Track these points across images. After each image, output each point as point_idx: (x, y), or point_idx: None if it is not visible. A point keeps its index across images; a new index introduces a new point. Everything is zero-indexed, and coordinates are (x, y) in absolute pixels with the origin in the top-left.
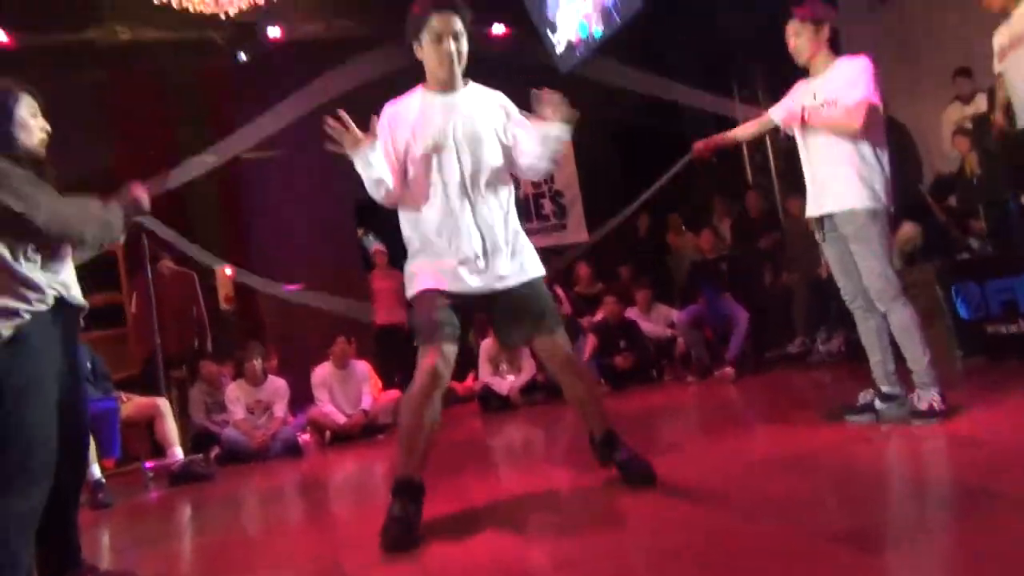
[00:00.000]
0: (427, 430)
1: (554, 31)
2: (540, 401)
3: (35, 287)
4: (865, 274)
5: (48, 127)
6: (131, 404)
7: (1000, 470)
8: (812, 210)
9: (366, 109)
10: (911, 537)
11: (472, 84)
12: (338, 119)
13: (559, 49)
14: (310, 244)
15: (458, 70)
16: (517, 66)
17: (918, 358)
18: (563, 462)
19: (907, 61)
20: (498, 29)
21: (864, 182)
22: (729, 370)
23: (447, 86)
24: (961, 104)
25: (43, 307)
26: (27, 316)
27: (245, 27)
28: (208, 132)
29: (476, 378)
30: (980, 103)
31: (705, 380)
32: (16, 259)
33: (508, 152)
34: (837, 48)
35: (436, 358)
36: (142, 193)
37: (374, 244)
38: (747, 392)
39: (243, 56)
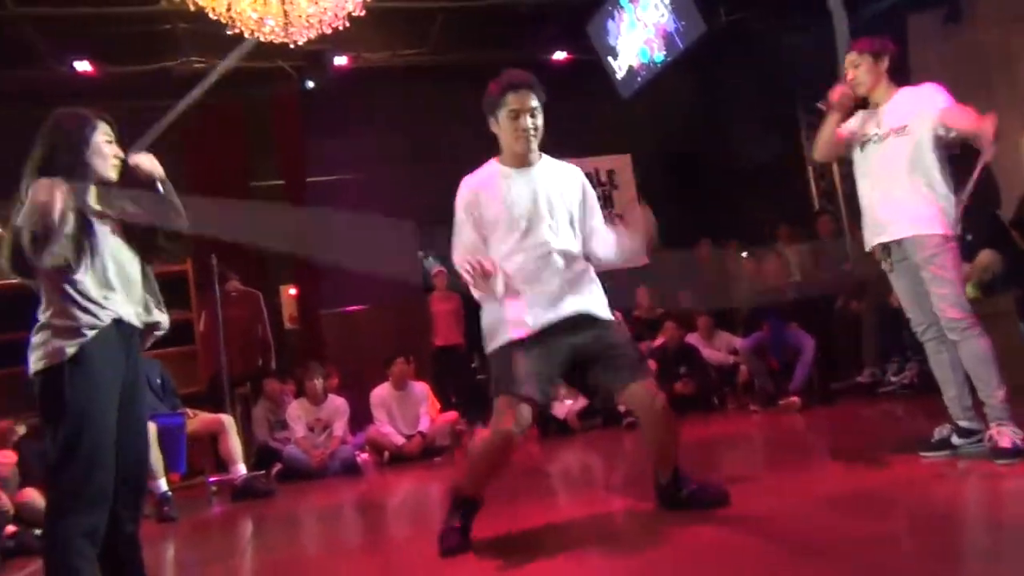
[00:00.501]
0: (503, 468)
1: (615, 57)
2: (598, 426)
3: (95, 305)
4: (936, 302)
5: (121, 154)
6: (197, 420)
7: None
8: (878, 237)
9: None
10: None
11: (546, 158)
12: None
13: (620, 75)
14: (373, 265)
15: (534, 144)
16: (580, 91)
17: (992, 392)
18: (622, 490)
19: (981, 86)
20: (560, 55)
21: (937, 207)
22: (795, 399)
23: (524, 162)
24: None
25: (103, 324)
26: (89, 335)
27: (313, 55)
28: (277, 156)
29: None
30: None
31: (769, 409)
32: (75, 278)
33: (582, 226)
34: (907, 71)
35: (511, 422)
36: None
37: (435, 266)
38: (814, 423)
39: (310, 83)
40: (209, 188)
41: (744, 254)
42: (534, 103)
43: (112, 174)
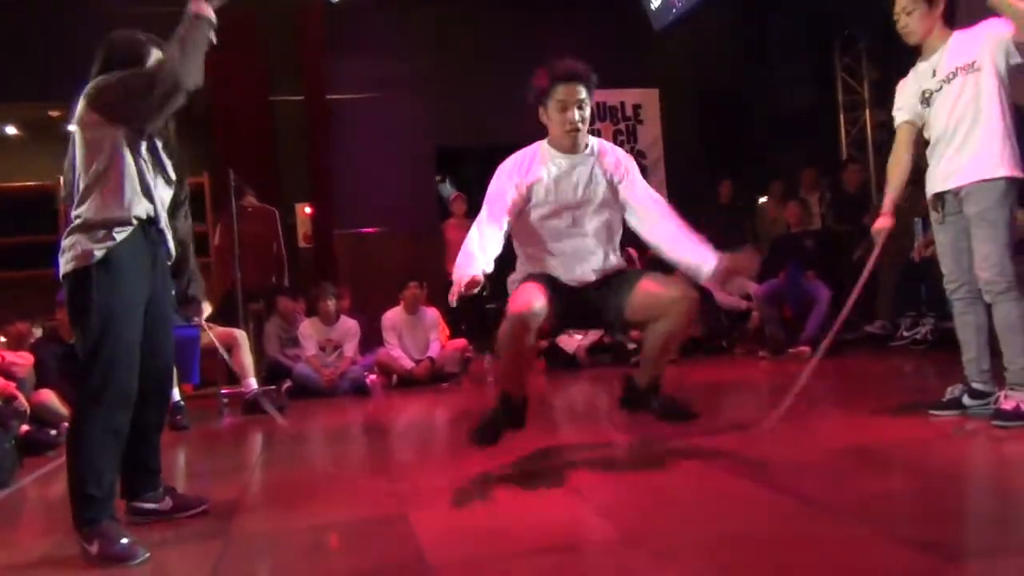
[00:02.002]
0: (526, 358)
1: None
2: (607, 363)
3: (136, 197)
4: (979, 260)
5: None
6: (212, 332)
7: None
8: (939, 184)
9: None
10: (988, 553)
11: (592, 142)
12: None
13: (655, 4)
14: (389, 187)
15: (582, 136)
16: (610, 18)
17: (1016, 358)
18: (627, 429)
19: None
20: None
21: (1006, 144)
22: (805, 348)
23: (572, 150)
24: None
25: (135, 223)
26: (118, 237)
27: None
28: (298, 71)
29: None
30: None
31: (778, 358)
32: (128, 178)
33: (625, 204)
34: (954, 20)
35: (526, 307)
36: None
37: (453, 192)
38: (823, 374)
39: None
40: (228, 99)
41: (763, 199)
42: (583, 95)
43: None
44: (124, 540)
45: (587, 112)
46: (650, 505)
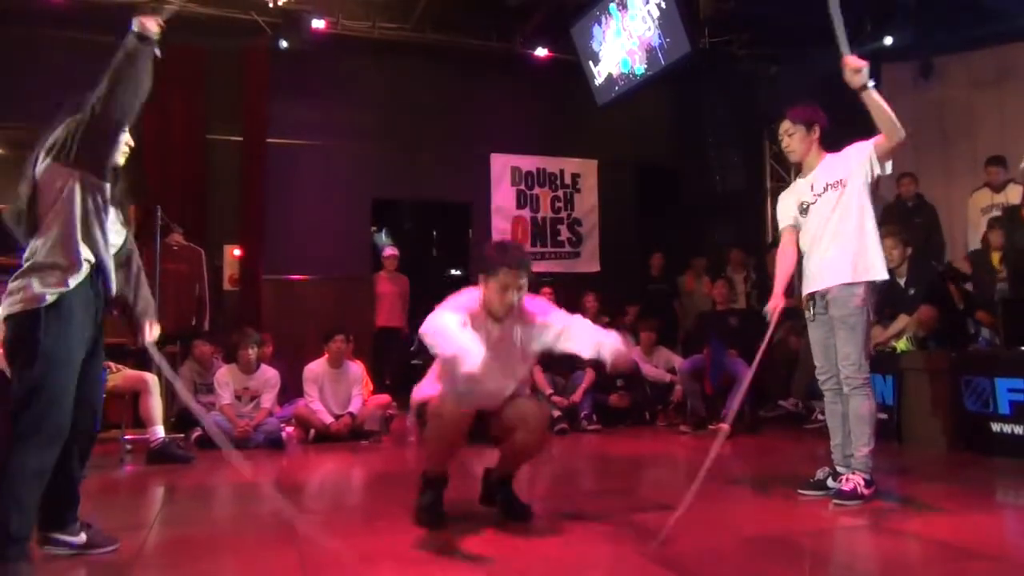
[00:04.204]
0: (459, 443)
1: (596, 63)
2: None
3: (78, 259)
4: (841, 358)
5: (132, 142)
6: (120, 375)
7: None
8: (808, 288)
9: None
10: None
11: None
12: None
13: (598, 81)
14: (322, 235)
15: (513, 310)
16: (555, 91)
17: (862, 446)
18: (547, 501)
19: (943, 141)
20: (541, 52)
21: (866, 253)
22: (724, 426)
23: (499, 318)
24: (991, 192)
25: (85, 269)
26: (71, 284)
27: (291, 14)
28: (239, 113)
29: None
30: (1011, 194)
31: (699, 433)
32: (83, 223)
33: (552, 344)
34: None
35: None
36: (150, 22)
37: (387, 247)
38: (739, 452)
39: (284, 43)
40: (164, 134)
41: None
42: (523, 281)
43: (120, 160)
44: None
45: (523, 293)
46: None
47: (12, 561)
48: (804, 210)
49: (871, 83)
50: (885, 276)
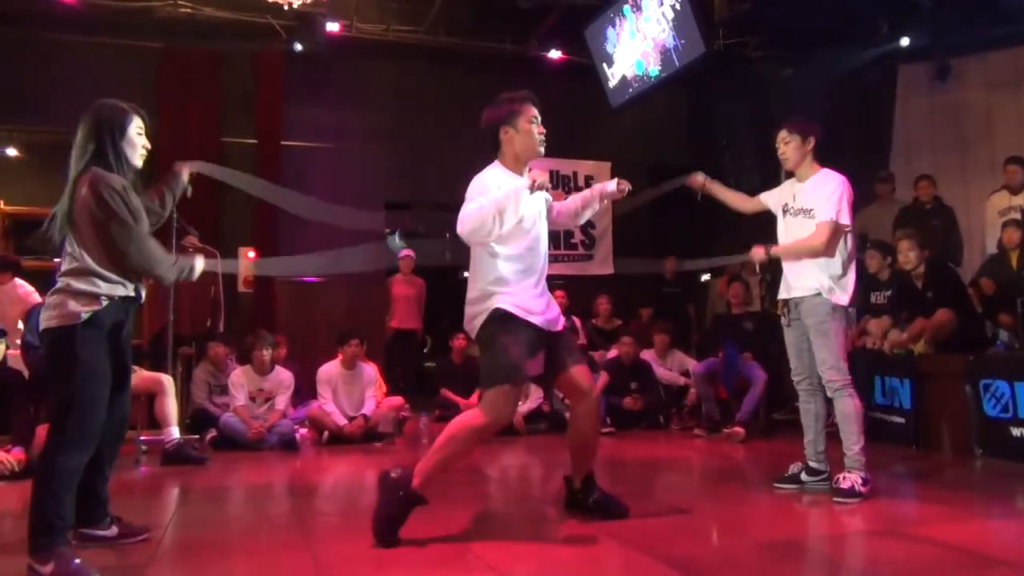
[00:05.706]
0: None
1: (610, 65)
2: (544, 431)
3: (110, 278)
4: (819, 363)
5: (149, 145)
6: (135, 376)
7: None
8: (783, 294)
9: None
10: None
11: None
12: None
13: (612, 83)
14: (336, 238)
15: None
16: (569, 92)
17: (852, 444)
18: (557, 504)
19: (960, 143)
20: (554, 54)
21: (830, 284)
22: (739, 430)
23: (522, 169)
24: (1009, 193)
25: (116, 295)
26: (104, 303)
27: (305, 17)
28: (253, 116)
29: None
30: None
31: (713, 436)
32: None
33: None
34: (891, 121)
35: (504, 422)
36: (183, 168)
37: (402, 249)
38: (753, 456)
39: (298, 46)
40: (179, 137)
41: (706, 276)
42: (537, 110)
43: (139, 162)
44: (77, 561)
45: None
46: None
47: (57, 547)
48: (784, 211)
49: (773, 250)
50: (845, 303)
